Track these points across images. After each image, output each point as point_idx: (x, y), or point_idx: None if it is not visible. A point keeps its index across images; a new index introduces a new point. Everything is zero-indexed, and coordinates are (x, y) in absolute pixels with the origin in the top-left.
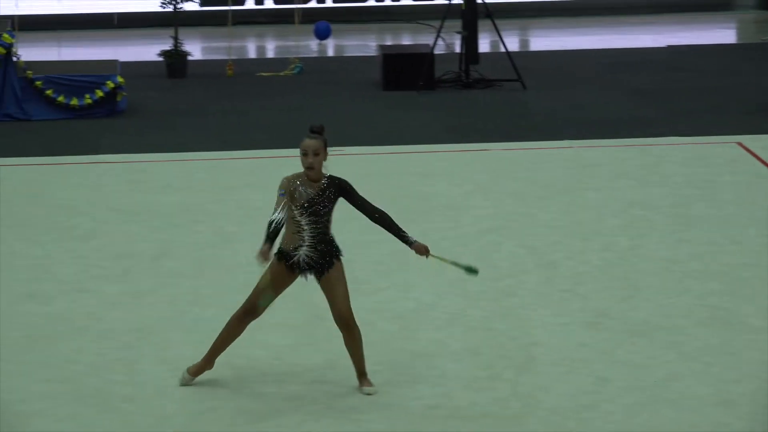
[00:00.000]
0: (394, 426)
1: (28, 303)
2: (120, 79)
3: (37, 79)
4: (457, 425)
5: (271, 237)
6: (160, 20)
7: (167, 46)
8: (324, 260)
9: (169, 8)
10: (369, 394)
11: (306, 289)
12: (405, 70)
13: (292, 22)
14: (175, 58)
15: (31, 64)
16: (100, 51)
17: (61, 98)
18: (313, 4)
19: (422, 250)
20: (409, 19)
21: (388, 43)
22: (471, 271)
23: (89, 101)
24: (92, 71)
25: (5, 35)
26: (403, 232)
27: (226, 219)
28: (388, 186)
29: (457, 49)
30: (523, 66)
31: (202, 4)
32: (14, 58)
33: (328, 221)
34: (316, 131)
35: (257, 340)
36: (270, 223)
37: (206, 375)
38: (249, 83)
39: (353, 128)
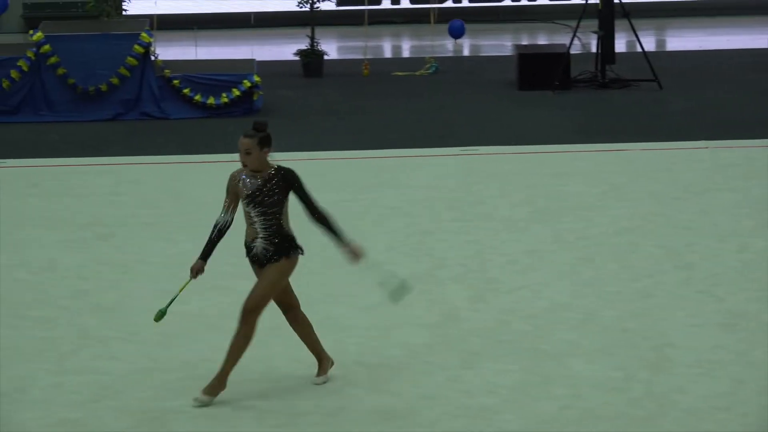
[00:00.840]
0: (527, 426)
1: (164, 300)
2: (256, 78)
3: (175, 77)
4: (590, 425)
5: (206, 249)
6: (296, 20)
7: (303, 45)
8: (277, 254)
9: (306, 8)
10: (196, 401)
11: (439, 286)
12: (540, 70)
13: (428, 22)
14: (311, 58)
15: (168, 63)
16: (237, 50)
17: (198, 97)
18: (449, 4)
19: (356, 255)
20: (545, 19)
21: (524, 42)
22: (398, 294)
23: (226, 100)
24: (229, 70)
25: (143, 34)
26: (343, 235)
27: (360, 218)
28: (522, 185)
29: (593, 49)
30: (660, 66)
31: (338, 4)
32: (152, 57)
33: (280, 213)
34: (255, 128)
35: (392, 339)
36: (214, 226)
37: (340, 372)
38: (384, 83)
39: (488, 128)
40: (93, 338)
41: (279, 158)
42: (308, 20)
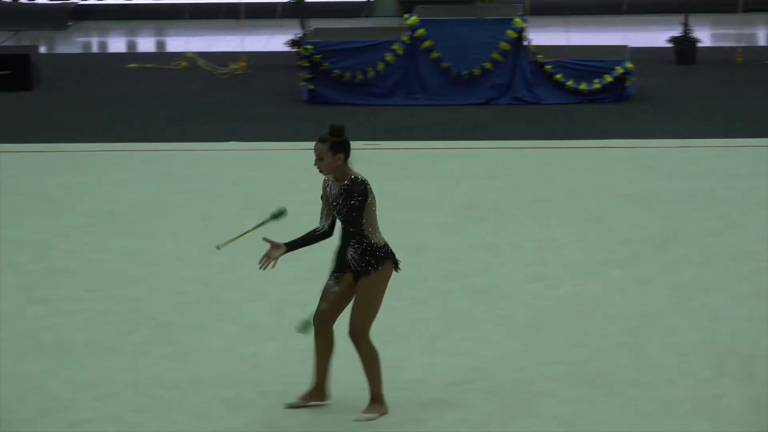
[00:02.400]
0: None
1: (536, 284)
2: (629, 65)
3: (547, 63)
4: None
5: (296, 240)
6: (669, 6)
7: (677, 32)
8: (361, 266)
9: None
10: (358, 420)
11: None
12: None
13: None
14: (684, 45)
15: (541, 49)
16: (609, 36)
17: (570, 83)
18: None
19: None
20: None
21: None
22: (276, 216)
23: (598, 86)
24: (601, 56)
25: (517, 20)
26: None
27: (733, 206)
28: None
29: None
30: None
31: None
32: (525, 43)
33: (358, 224)
34: (330, 133)
35: (766, 331)
36: (315, 229)
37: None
38: (758, 71)
39: None
40: (464, 320)
41: (654, 144)
42: (682, 7)
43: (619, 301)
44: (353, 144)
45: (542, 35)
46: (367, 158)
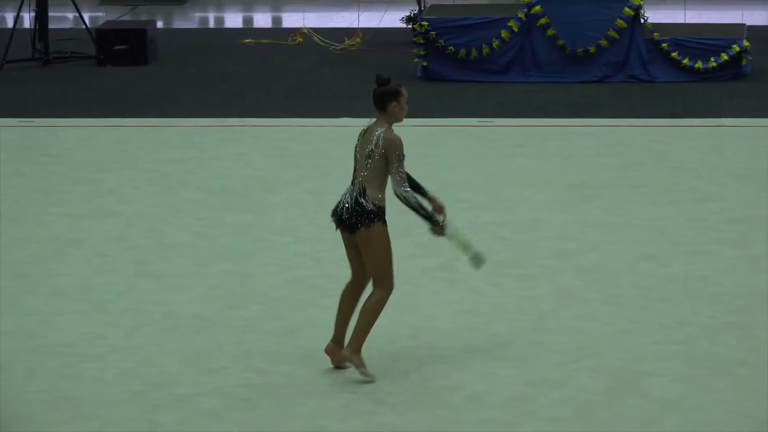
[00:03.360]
0: None
1: (647, 263)
2: (746, 43)
3: (663, 41)
4: None
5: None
6: None
7: None
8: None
9: None
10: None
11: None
12: None
13: None
14: None
15: (657, 26)
16: (727, 14)
17: (686, 61)
18: None
19: None
20: None
21: None
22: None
23: (714, 64)
24: (718, 34)
25: None
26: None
27: None
28: None
29: None
30: None
31: None
32: (641, 20)
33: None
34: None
35: None
36: (410, 197)
37: None
38: None
39: None
40: (574, 298)
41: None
42: None
43: (728, 280)
44: (468, 120)
45: (659, 13)
46: (481, 135)
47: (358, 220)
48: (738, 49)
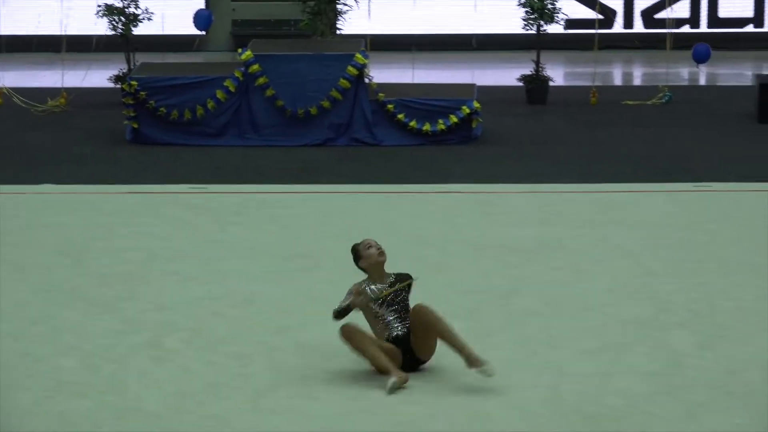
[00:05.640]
0: None
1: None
2: (476, 105)
3: (389, 102)
4: None
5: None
6: (521, 43)
7: (528, 70)
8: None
9: (532, 30)
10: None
11: (662, 332)
12: None
13: (663, 48)
14: (535, 83)
15: (383, 87)
16: (457, 74)
17: (413, 123)
18: (686, 29)
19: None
20: None
21: (766, 72)
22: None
23: (443, 127)
24: (447, 95)
25: (358, 55)
26: None
27: (581, 256)
28: (759, 226)
29: None
30: None
31: (566, 27)
32: (366, 80)
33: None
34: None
35: (612, 387)
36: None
37: (555, 419)
38: (613, 112)
39: (724, 162)
40: (293, 377)
41: (501, 189)
42: (533, 44)
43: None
44: (180, 187)
45: (385, 72)
46: (194, 203)
47: None
48: (468, 110)
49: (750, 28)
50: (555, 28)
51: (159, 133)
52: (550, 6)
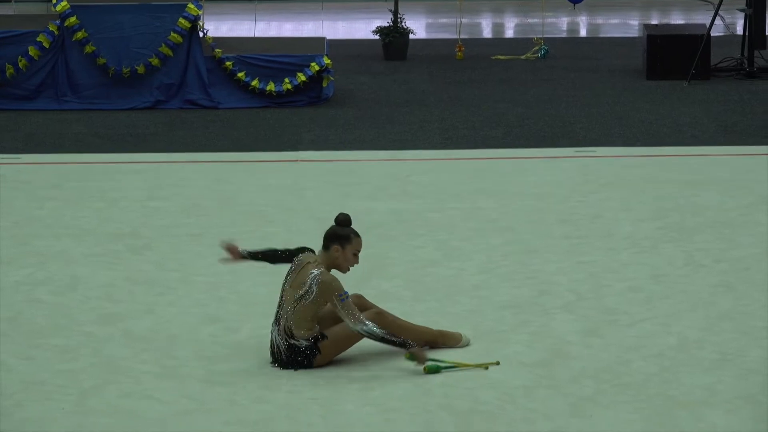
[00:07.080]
0: None
1: (211, 327)
2: (327, 61)
3: (227, 59)
4: None
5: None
6: None
7: (385, 21)
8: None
9: None
10: None
11: (544, 317)
12: (674, 56)
13: None
14: (393, 37)
15: (220, 41)
16: (305, 26)
17: (255, 83)
18: None
19: None
20: None
21: (654, 22)
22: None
23: (289, 87)
24: (294, 51)
25: (190, 5)
26: None
27: (450, 232)
28: (649, 196)
29: (739, 31)
30: None
31: None
32: (200, 34)
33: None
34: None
35: (486, 380)
36: (373, 332)
37: (423, 418)
38: (482, 68)
39: (609, 125)
40: (123, 373)
41: (356, 157)
42: None
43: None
44: None
45: (223, 24)
46: (5, 175)
47: (304, 359)
48: (317, 68)
49: None
50: None
51: None
52: None
